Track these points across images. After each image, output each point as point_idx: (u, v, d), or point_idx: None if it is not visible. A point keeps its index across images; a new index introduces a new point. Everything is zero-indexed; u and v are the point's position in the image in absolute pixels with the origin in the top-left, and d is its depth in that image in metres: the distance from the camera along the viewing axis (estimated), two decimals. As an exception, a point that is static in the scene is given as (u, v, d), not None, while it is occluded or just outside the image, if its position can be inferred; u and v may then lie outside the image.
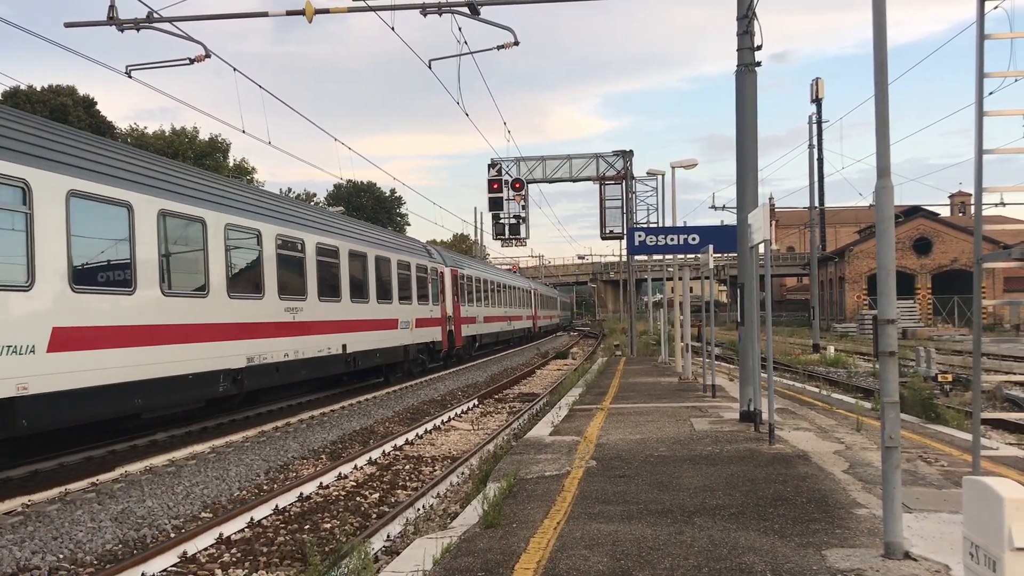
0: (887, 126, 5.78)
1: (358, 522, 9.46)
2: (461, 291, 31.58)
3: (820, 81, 64.98)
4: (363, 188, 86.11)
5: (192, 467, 11.86)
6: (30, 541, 8.35)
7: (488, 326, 37.71)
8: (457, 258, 34.51)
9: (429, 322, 26.67)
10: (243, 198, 16.08)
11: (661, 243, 19.44)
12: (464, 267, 33.54)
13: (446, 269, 29.70)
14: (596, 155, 38.72)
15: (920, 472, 8.63)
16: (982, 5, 6.60)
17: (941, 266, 63.40)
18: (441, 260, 29.74)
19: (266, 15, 16.27)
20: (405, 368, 25.04)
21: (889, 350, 5.76)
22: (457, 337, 30.45)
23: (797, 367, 26.59)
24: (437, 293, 27.95)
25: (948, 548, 5.89)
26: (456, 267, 31.52)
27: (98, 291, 11.29)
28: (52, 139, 10.96)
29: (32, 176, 10.07)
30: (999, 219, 59.23)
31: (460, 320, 31.11)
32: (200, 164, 50.57)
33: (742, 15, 13.00)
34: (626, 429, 12.32)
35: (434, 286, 27.76)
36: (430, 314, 26.88)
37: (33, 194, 10.07)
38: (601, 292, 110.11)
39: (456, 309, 30.50)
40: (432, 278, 27.54)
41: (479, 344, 35.99)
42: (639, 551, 6.06)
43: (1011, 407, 16.90)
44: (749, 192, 12.90)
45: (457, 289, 30.83)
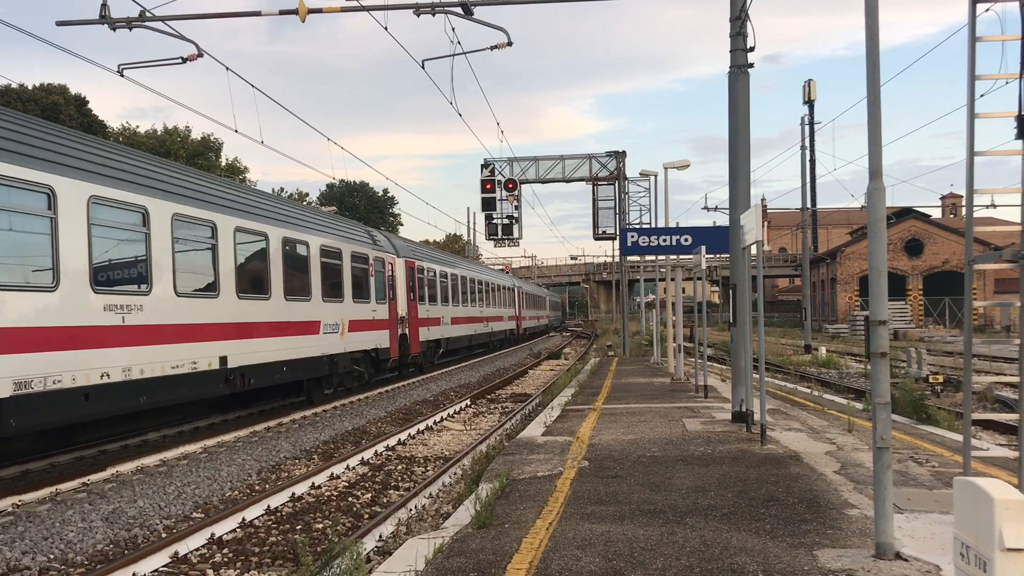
0: (879, 128, 5.80)
1: (350, 522, 9.45)
2: (419, 287, 26.73)
3: (812, 83, 65.21)
4: (356, 188, 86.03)
5: (183, 467, 11.82)
6: (20, 541, 8.31)
7: (457, 328, 32.78)
8: (415, 248, 29.32)
9: (370, 325, 21.52)
10: None
11: (654, 244, 19.47)
12: (424, 259, 28.37)
13: (398, 260, 24.62)
14: (589, 156, 38.78)
15: (911, 473, 8.66)
16: (974, 8, 6.63)
17: (932, 267, 63.62)
18: (392, 249, 24.62)
19: (259, 14, 16.24)
20: (334, 383, 19.90)
21: (881, 351, 5.78)
22: (413, 342, 25.57)
23: (789, 368, 26.64)
24: (384, 289, 22.96)
25: (939, 548, 5.92)
26: (412, 258, 26.34)
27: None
28: None
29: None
30: (990, 220, 59.43)
31: (417, 322, 26.22)
32: (192, 163, 50.45)
33: (735, 16, 13.03)
34: (618, 430, 12.33)
35: (379, 280, 22.69)
36: (372, 315, 21.71)
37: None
38: (594, 292, 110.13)
39: (412, 309, 25.64)
40: (377, 270, 22.45)
41: (445, 349, 31.22)
42: (631, 551, 6.06)
43: (1001, 408, 16.97)
44: (741, 193, 12.93)
45: (414, 285, 26.00)
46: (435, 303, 28.87)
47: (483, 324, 39.09)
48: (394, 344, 23.66)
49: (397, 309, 24.10)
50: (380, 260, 22.92)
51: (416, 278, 26.47)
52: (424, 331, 27.00)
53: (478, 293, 38.18)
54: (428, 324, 27.65)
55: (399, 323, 24.17)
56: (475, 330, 36.88)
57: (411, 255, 26.40)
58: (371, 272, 21.94)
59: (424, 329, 27.02)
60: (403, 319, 24.52)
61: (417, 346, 26.15)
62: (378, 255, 22.79)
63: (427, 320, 27.53)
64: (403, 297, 24.64)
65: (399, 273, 24.52)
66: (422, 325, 26.76)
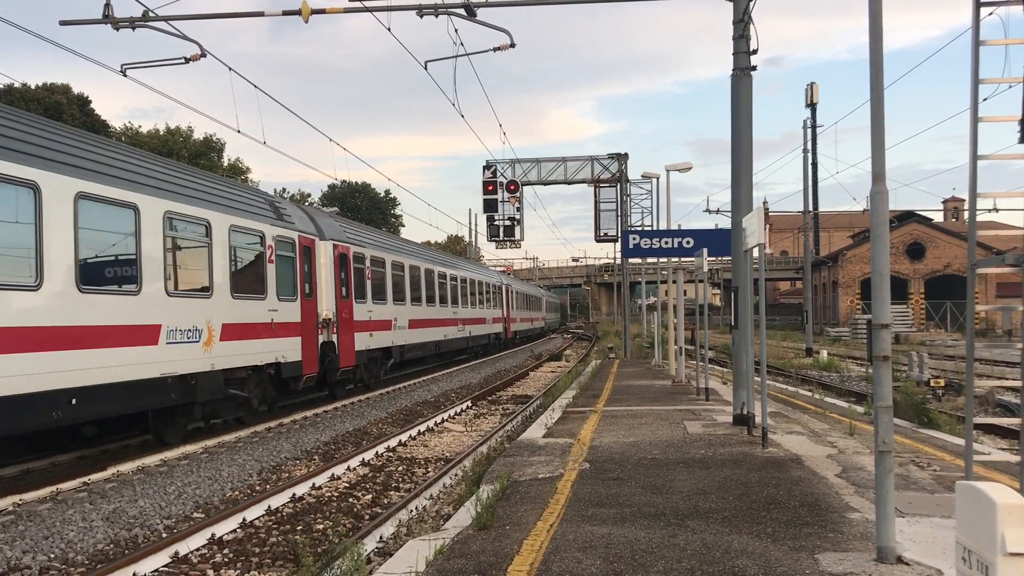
0: (882, 131, 5.79)
1: (351, 523, 9.44)
2: (357, 281, 20.99)
3: (815, 86, 65.17)
4: (358, 189, 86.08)
5: (184, 467, 11.82)
6: (21, 540, 8.31)
7: (417, 333, 26.59)
8: (354, 230, 22.76)
9: (266, 330, 15.81)
10: None
11: (655, 246, 19.46)
12: (365, 244, 22.04)
13: (321, 244, 18.92)
14: (591, 157, 38.80)
15: (913, 476, 8.65)
16: (977, 11, 6.62)
17: (934, 271, 63.59)
18: (311, 229, 18.68)
19: (262, 15, 16.25)
20: (198, 413, 13.94)
21: (883, 354, 5.77)
22: (344, 352, 19.61)
23: (790, 371, 26.63)
24: (293, 282, 17.19)
25: (941, 552, 5.91)
26: (345, 242, 20.28)
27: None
28: None
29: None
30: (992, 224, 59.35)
31: (352, 326, 20.26)
32: (194, 163, 50.49)
33: (738, 19, 13.04)
34: (619, 432, 12.33)
35: (286, 270, 16.92)
36: (269, 317, 15.92)
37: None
38: (595, 294, 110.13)
39: (344, 309, 19.75)
40: (281, 255, 16.67)
41: (400, 359, 25.07)
42: (632, 554, 6.06)
43: (1003, 412, 16.96)
44: (744, 196, 12.93)
45: (347, 277, 20.10)
46: (383, 301, 22.84)
47: (456, 328, 32.99)
48: (309, 355, 17.62)
49: (317, 309, 18.28)
50: (287, 242, 16.99)
51: (352, 269, 20.39)
52: (363, 337, 20.99)
53: (451, 291, 32.41)
54: (371, 328, 21.64)
55: (320, 328, 18.32)
56: (445, 334, 30.97)
57: (343, 238, 20.25)
58: (269, 257, 16.07)
59: (364, 335, 21.00)
60: (327, 322, 18.68)
61: (351, 357, 20.05)
62: (283, 234, 16.78)
63: (370, 323, 21.54)
64: (328, 293, 18.85)
65: (323, 261, 18.75)
66: (361, 330, 20.82)
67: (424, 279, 28.16)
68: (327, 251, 19.10)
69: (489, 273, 45.86)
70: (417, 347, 27.00)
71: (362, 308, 21.10)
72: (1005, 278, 52.44)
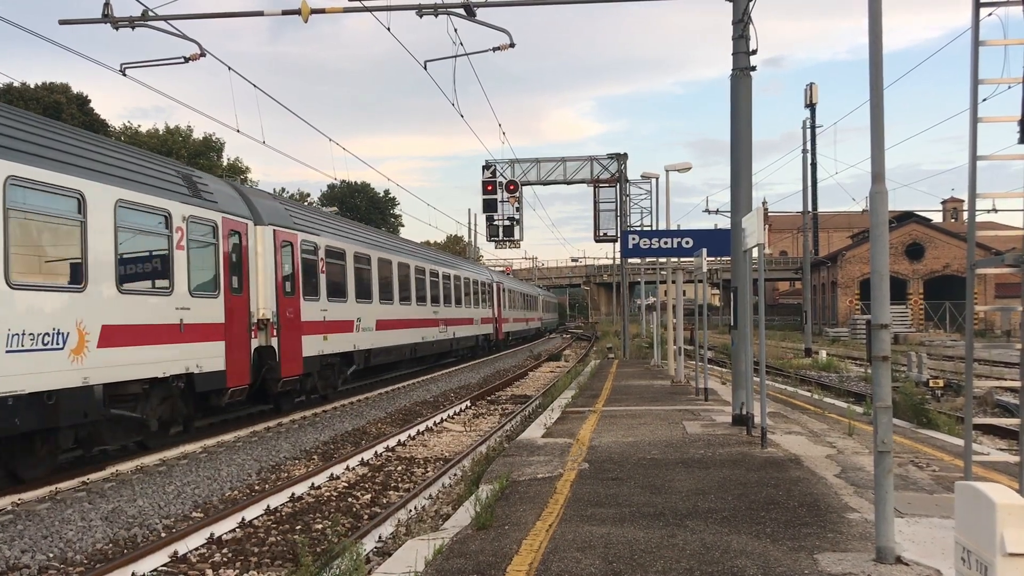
0: (882, 131, 5.79)
1: (350, 523, 9.44)
2: (308, 275, 18.15)
3: (814, 86, 65.28)
4: (357, 189, 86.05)
5: (183, 467, 11.82)
6: (20, 540, 8.30)
7: (388, 335, 23.50)
8: (302, 214, 19.47)
9: (174, 333, 12.83)
10: None
11: (655, 246, 19.47)
12: (316, 231, 18.98)
13: (261, 229, 15.92)
14: (591, 158, 38.80)
15: (912, 477, 8.65)
16: (977, 12, 6.63)
17: (933, 271, 63.64)
18: (246, 211, 15.71)
19: (262, 14, 16.25)
20: (38, 452, 10.96)
21: (882, 355, 5.78)
22: (287, 359, 16.52)
23: (789, 371, 26.65)
24: (218, 274, 14.33)
25: (940, 553, 5.91)
26: (289, 228, 17.29)
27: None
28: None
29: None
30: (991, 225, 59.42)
31: (299, 327, 17.26)
32: (194, 163, 50.44)
33: (737, 19, 13.04)
34: (619, 432, 12.33)
35: (204, 258, 14.07)
36: (177, 317, 12.92)
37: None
38: (594, 294, 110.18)
39: (288, 307, 16.72)
40: (195, 240, 13.66)
41: (364, 365, 21.84)
42: (631, 554, 6.06)
43: (1002, 413, 16.97)
44: (743, 196, 12.93)
45: (294, 270, 17.27)
46: (342, 298, 19.93)
47: (438, 328, 29.99)
48: (237, 363, 14.64)
49: (250, 307, 15.30)
50: (206, 225, 14.04)
51: (299, 260, 17.45)
52: (314, 341, 17.97)
53: (431, 288, 29.38)
54: (325, 330, 18.68)
55: (255, 330, 15.40)
56: (423, 336, 27.85)
57: (288, 223, 17.23)
58: (178, 242, 13.07)
59: (314, 339, 18.00)
60: (265, 323, 15.80)
61: (298, 365, 16.98)
62: (200, 214, 13.81)
63: (322, 324, 18.52)
64: (267, 288, 15.85)
65: (260, 250, 15.78)
66: (311, 332, 17.83)
67: (397, 274, 25.08)
68: (266, 238, 16.06)
69: (478, 269, 42.83)
70: (388, 351, 23.76)
71: (313, 307, 18.13)
72: (1004, 278, 52.47)
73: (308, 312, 17.83)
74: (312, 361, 17.98)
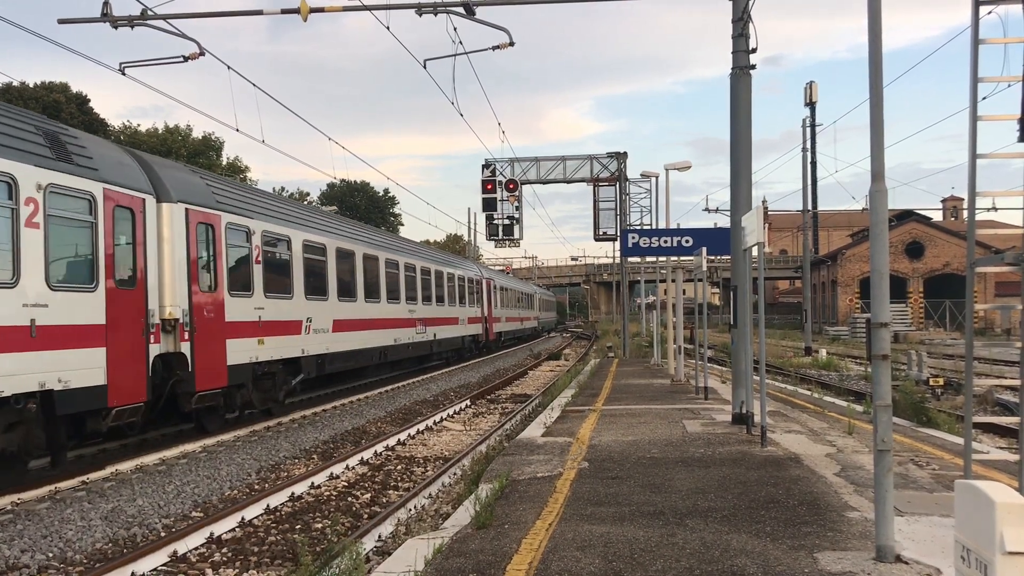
0: (881, 130, 5.78)
1: (349, 522, 9.44)
2: (236, 265, 15.11)
3: (814, 85, 65.17)
4: (357, 188, 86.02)
5: (183, 466, 11.81)
6: (19, 539, 8.30)
7: (348, 338, 20.05)
8: (238, 192, 16.35)
9: (17, 339, 9.79)
10: None
11: (655, 245, 19.48)
12: (255, 214, 15.93)
13: (167, 207, 12.94)
14: (590, 156, 38.78)
15: (912, 475, 8.65)
16: (976, 10, 6.62)
17: (933, 270, 63.62)
18: (143, 183, 12.56)
19: (261, 13, 16.24)
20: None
21: (882, 353, 5.77)
22: (204, 370, 13.51)
23: (789, 370, 26.64)
24: (95, 261, 11.31)
25: (939, 551, 5.91)
26: (214, 208, 14.33)
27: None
28: None
29: None
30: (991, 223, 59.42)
31: (222, 329, 14.25)
32: (193, 162, 50.41)
33: (737, 18, 13.03)
34: (618, 431, 12.32)
35: (72, 240, 11.17)
36: (26, 317, 9.97)
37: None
38: (594, 293, 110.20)
39: (206, 307, 13.80)
40: (58, 216, 10.71)
41: (313, 374, 18.26)
42: (631, 553, 6.05)
43: (1002, 411, 16.97)
44: (743, 195, 12.92)
45: (213, 259, 14.24)
46: (285, 295, 16.76)
47: (415, 329, 26.63)
48: (126, 375, 11.61)
49: (147, 304, 12.21)
50: (79, 199, 11.08)
51: (223, 247, 14.42)
52: (244, 346, 14.79)
53: (407, 284, 26.04)
54: (261, 332, 15.49)
55: (155, 332, 12.32)
56: (396, 338, 24.48)
57: (208, 202, 14.10)
58: (29, 218, 10.08)
59: (243, 343, 14.78)
60: (173, 324, 12.77)
61: (221, 375, 14.00)
62: (65, 182, 10.78)
63: (257, 326, 15.29)
64: (175, 281, 12.83)
65: (166, 233, 12.81)
66: (238, 335, 14.67)
67: (363, 268, 21.75)
68: (174, 218, 12.98)
69: (465, 265, 39.28)
70: (346, 356, 20.29)
71: (243, 303, 14.96)
72: (1004, 277, 52.45)
73: (236, 311, 14.73)
74: (241, 370, 14.79)
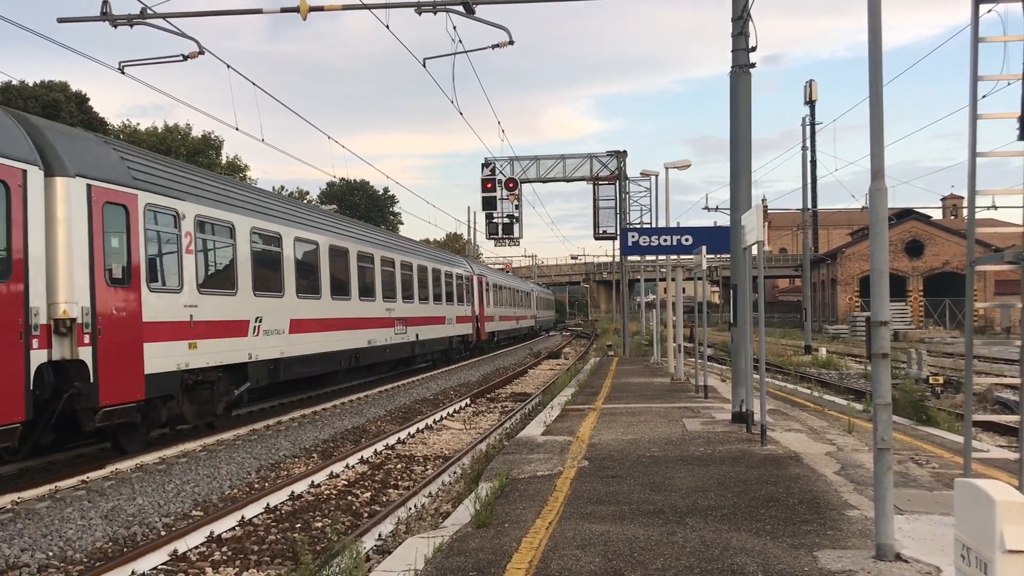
0: (881, 129, 5.78)
1: (349, 521, 9.44)
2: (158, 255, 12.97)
3: (814, 83, 65.08)
4: (356, 186, 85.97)
5: (183, 465, 11.81)
6: (19, 538, 8.30)
7: (308, 340, 17.80)
8: (156, 167, 13.58)
9: None
10: None
11: (655, 244, 19.48)
12: (186, 194, 13.77)
13: (61, 181, 10.76)
14: (590, 155, 38.76)
15: (911, 474, 8.65)
16: (976, 8, 6.61)
17: (933, 268, 63.62)
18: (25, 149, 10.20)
19: (260, 12, 16.23)
20: None
21: (882, 352, 5.77)
22: (111, 378, 11.31)
23: (789, 368, 26.64)
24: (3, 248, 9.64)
25: (939, 550, 5.91)
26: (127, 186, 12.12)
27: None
28: None
29: None
30: (991, 222, 59.41)
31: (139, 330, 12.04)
32: (193, 161, 50.34)
33: (736, 16, 13.03)
34: (618, 429, 12.32)
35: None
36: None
37: None
38: (594, 292, 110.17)
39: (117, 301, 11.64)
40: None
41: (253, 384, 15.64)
42: (631, 551, 6.06)
43: (1002, 410, 16.97)
44: (743, 193, 12.92)
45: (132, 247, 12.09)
46: (227, 291, 14.63)
47: (394, 329, 24.15)
48: None
49: (27, 300, 10.06)
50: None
51: (142, 233, 12.19)
52: (168, 351, 12.62)
53: (384, 279, 23.64)
54: (192, 335, 13.34)
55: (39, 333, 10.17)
56: (370, 340, 21.83)
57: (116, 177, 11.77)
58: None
59: (168, 347, 12.65)
60: (68, 326, 10.59)
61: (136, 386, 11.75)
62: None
63: (187, 327, 13.20)
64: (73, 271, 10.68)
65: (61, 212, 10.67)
66: (160, 338, 12.43)
67: (328, 261, 19.37)
68: (72, 196, 10.77)
69: (454, 260, 36.79)
70: (307, 360, 17.92)
71: (168, 301, 12.80)
72: (1004, 275, 52.43)
73: (158, 309, 12.51)
74: (164, 380, 12.60)
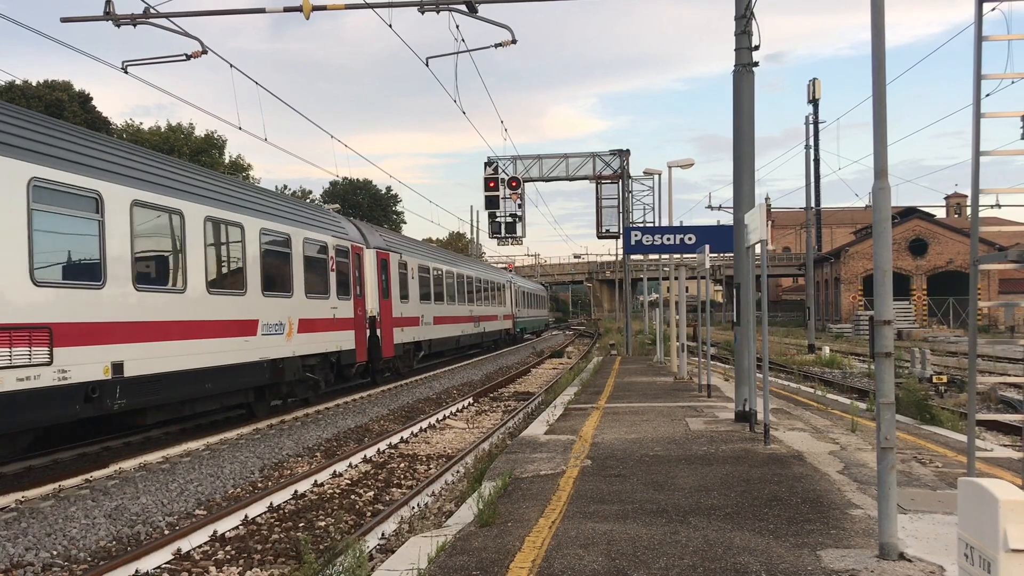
0: (885, 127, 5.77)
1: (353, 520, 9.45)
2: None
3: (817, 82, 65.02)
4: (359, 186, 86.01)
5: (187, 464, 11.83)
6: (23, 537, 8.32)
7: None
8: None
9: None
10: None
11: (657, 243, 19.43)
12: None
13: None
14: (593, 154, 38.76)
15: (915, 473, 8.64)
16: (980, 7, 6.60)
17: (936, 267, 63.54)
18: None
19: (263, 11, 16.23)
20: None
21: (885, 351, 5.76)
22: None
23: (792, 367, 26.62)
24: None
25: (943, 549, 5.90)
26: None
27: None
28: None
29: None
30: (995, 220, 59.34)
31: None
32: (196, 160, 50.38)
33: (740, 15, 13.00)
34: (621, 428, 12.32)
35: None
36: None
37: None
38: (597, 291, 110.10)
39: None
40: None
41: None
42: (634, 550, 6.05)
43: (1005, 408, 16.95)
44: (746, 192, 12.90)
45: None
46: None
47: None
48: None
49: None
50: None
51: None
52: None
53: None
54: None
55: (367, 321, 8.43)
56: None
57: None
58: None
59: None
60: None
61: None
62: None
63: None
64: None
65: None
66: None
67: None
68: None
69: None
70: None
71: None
72: (1008, 274, 52.39)
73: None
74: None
